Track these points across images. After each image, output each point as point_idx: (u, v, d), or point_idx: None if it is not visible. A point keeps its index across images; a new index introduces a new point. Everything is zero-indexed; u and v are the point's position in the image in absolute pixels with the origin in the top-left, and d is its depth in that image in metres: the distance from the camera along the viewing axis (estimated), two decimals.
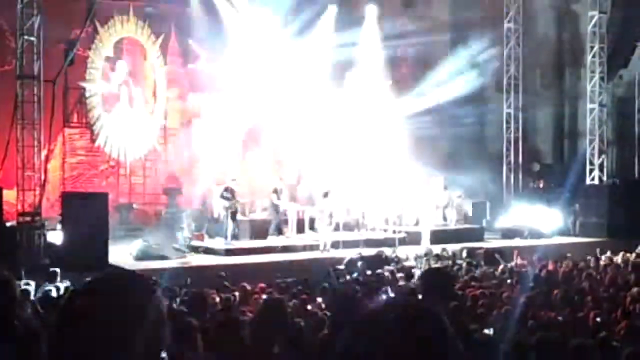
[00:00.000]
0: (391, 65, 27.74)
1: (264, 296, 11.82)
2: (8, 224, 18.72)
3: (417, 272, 15.85)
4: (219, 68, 24.41)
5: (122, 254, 18.79)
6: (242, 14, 24.65)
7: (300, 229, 22.00)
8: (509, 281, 14.99)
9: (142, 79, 24.22)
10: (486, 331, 8.69)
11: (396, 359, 1.64)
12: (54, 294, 12.75)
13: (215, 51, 24.47)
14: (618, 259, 18.71)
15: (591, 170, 26.56)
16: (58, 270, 15.55)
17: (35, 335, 4.48)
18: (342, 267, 18.14)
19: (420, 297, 6.40)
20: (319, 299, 12.07)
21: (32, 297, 11.90)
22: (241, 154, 25.77)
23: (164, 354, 1.88)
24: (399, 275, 16.05)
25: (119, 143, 23.47)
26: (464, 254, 20.29)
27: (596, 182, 26.36)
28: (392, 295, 12.67)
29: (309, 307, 11.31)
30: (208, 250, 19.92)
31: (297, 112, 24.77)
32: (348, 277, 16.55)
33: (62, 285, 14.10)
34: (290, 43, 24.57)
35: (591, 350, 6.98)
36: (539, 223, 25.03)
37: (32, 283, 13.66)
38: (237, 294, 12.74)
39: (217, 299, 11.68)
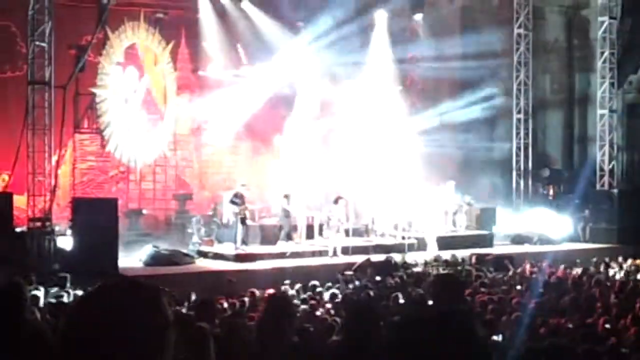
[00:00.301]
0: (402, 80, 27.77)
1: None
2: (18, 229, 18.78)
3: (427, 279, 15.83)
4: (230, 74, 24.48)
5: (131, 259, 18.84)
6: (252, 19, 24.72)
7: (309, 234, 21.98)
8: (518, 287, 14.97)
9: (153, 85, 24.27)
10: (495, 337, 8.68)
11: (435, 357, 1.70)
12: (64, 299, 12.80)
13: (225, 57, 24.55)
14: (628, 265, 18.68)
15: (601, 176, 26.49)
16: (68, 275, 15.63)
17: (43, 339, 4.51)
18: (351, 272, 18.14)
19: (430, 302, 6.40)
20: (328, 305, 12.09)
21: (41, 302, 11.94)
22: (251, 159, 25.78)
23: None
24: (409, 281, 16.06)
25: (129, 149, 23.51)
26: (473, 260, 20.28)
27: (606, 188, 26.29)
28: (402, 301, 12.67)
29: (317, 312, 11.33)
30: (217, 256, 19.95)
31: (308, 116, 24.80)
32: (357, 283, 16.56)
33: (72, 290, 14.15)
34: (301, 48, 24.60)
35: (600, 357, 6.97)
36: (548, 229, 24.97)
37: (42, 288, 13.70)
38: (246, 299, 12.77)
39: (226, 305, 11.70)
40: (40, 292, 12.82)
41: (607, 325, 9.51)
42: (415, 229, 23.24)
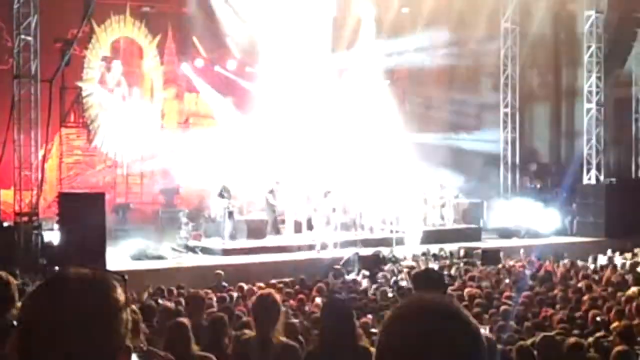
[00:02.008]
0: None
1: None
2: (5, 224, 18.70)
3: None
4: (216, 68, 24.44)
5: (119, 254, 18.78)
6: (239, 14, 24.65)
7: (297, 229, 21.95)
8: (506, 281, 15.00)
9: (139, 79, 24.19)
10: (482, 331, 8.67)
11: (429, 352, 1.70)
12: None
13: (212, 51, 24.50)
14: (615, 258, 18.75)
15: (588, 170, 26.56)
16: (55, 270, 15.52)
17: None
18: (339, 266, 18.14)
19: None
20: (317, 300, 12.08)
21: None
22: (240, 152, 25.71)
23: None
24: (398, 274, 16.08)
25: (116, 143, 23.44)
26: (462, 254, 20.31)
27: (593, 181, 26.35)
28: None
29: (306, 307, 11.33)
30: (205, 250, 19.90)
31: (296, 111, 24.76)
32: (346, 277, 16.58)
33: None
34: (289, 43, 24.55)
35: (587, 350, 6.99)
36: (536, 223, 25.03)
37: (30, 283, 13.63)
38: (234, 294, 12.76)
39: (214, 299, 11.66)
40: (27, 287, 12.74)
41: (598, 319, 9.54)
42: (403, 223, 23.25)
